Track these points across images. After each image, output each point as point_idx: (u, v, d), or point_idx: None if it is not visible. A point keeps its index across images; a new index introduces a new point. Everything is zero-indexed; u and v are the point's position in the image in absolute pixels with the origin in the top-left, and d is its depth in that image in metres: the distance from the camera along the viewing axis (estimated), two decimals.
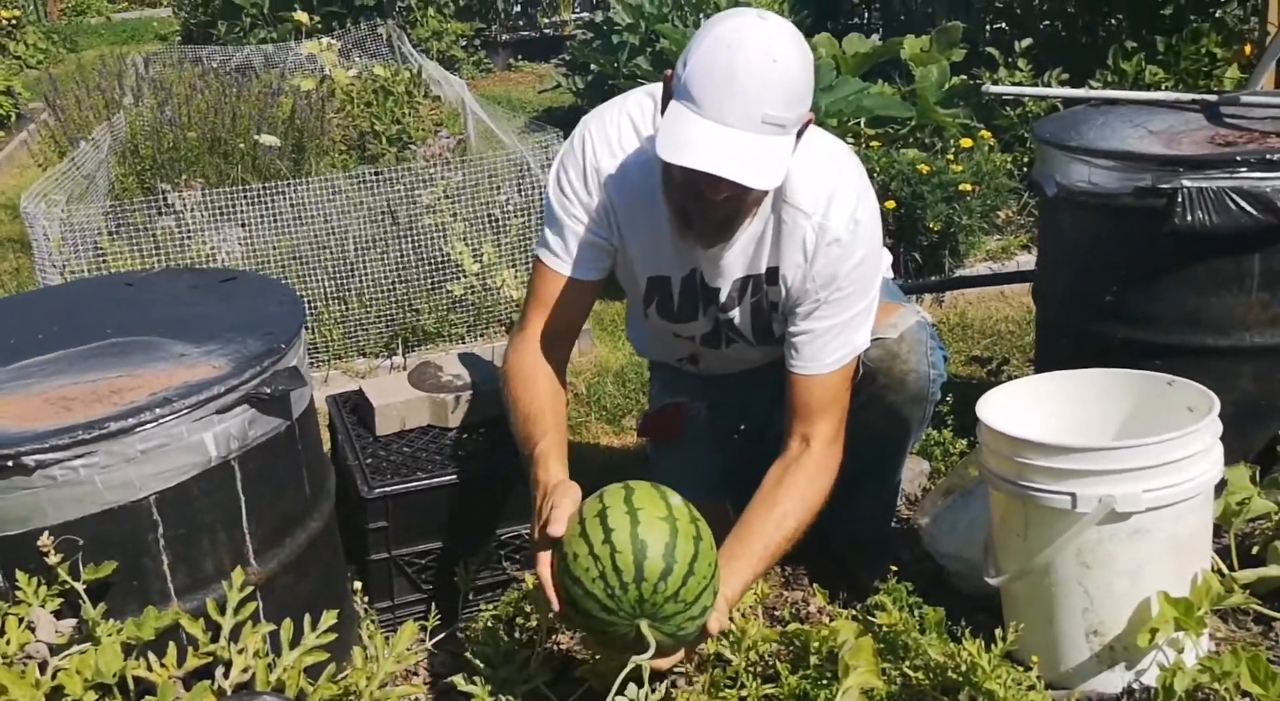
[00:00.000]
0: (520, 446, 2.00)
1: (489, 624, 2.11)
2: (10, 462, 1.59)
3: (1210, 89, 4.43)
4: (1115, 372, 2.17)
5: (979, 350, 3.68)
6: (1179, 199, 2.34)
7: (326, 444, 2.42)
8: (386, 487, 2.24)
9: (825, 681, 1.84)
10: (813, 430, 2.01)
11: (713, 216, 1.90)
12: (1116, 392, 2.16)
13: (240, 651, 1.65)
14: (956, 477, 2.48)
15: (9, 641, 1.55)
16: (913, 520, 2.59)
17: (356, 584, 2.27)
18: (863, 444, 2.09)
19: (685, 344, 2.29)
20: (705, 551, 1.72)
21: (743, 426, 2.46)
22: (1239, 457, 2.32)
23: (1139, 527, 1.91)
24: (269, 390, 1.80)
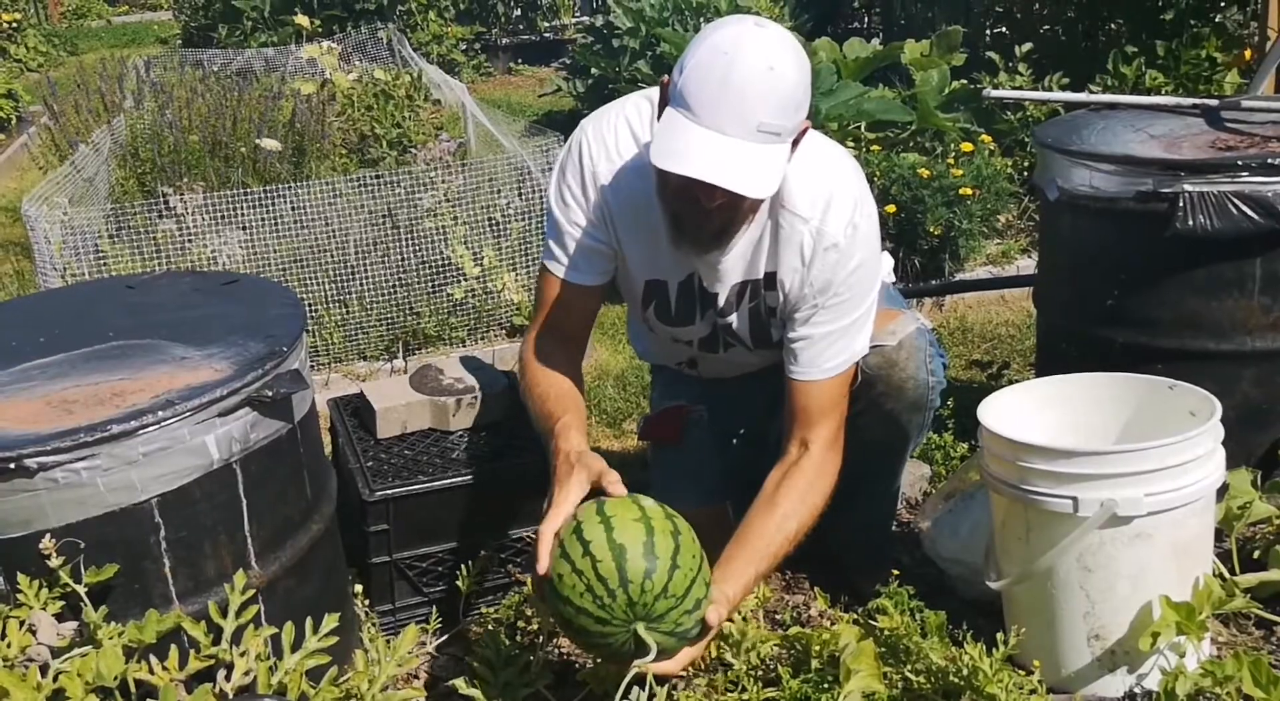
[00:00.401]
0: (540, 423, 1.98)
1: (490, 627, 2.11)
2: (12, 465, 1.58)
3: (1210, 93, 4.44)
4: (1117, 376, 2.17)
5: (979, 354, 3.69)
6: (1180, 203, 2.34)
7: (327, 447, 2.42)
8: (388, 491, 2.23)
9: (827, 685, 1.84)
10: (812, 435, 2.01)
11: (707, 224, 1.89)
12: (1118, 397, 2.16)
13: (242, 654, 1.65)
14: (957, 481, 2.48)
15: (10, 644, 1.54)
16: (913, 524, 2.59)
17: (357, 587, 2.27)
18: (862, 450, 2.09)
19: (684, 348, 2.29)
20: (686, 544, 1.71)
21: (743, 430, 2.46)
22: (1240, 462, 2.32)
23: (1141, 531, 1.91)
24: (271, 393, 1.79)
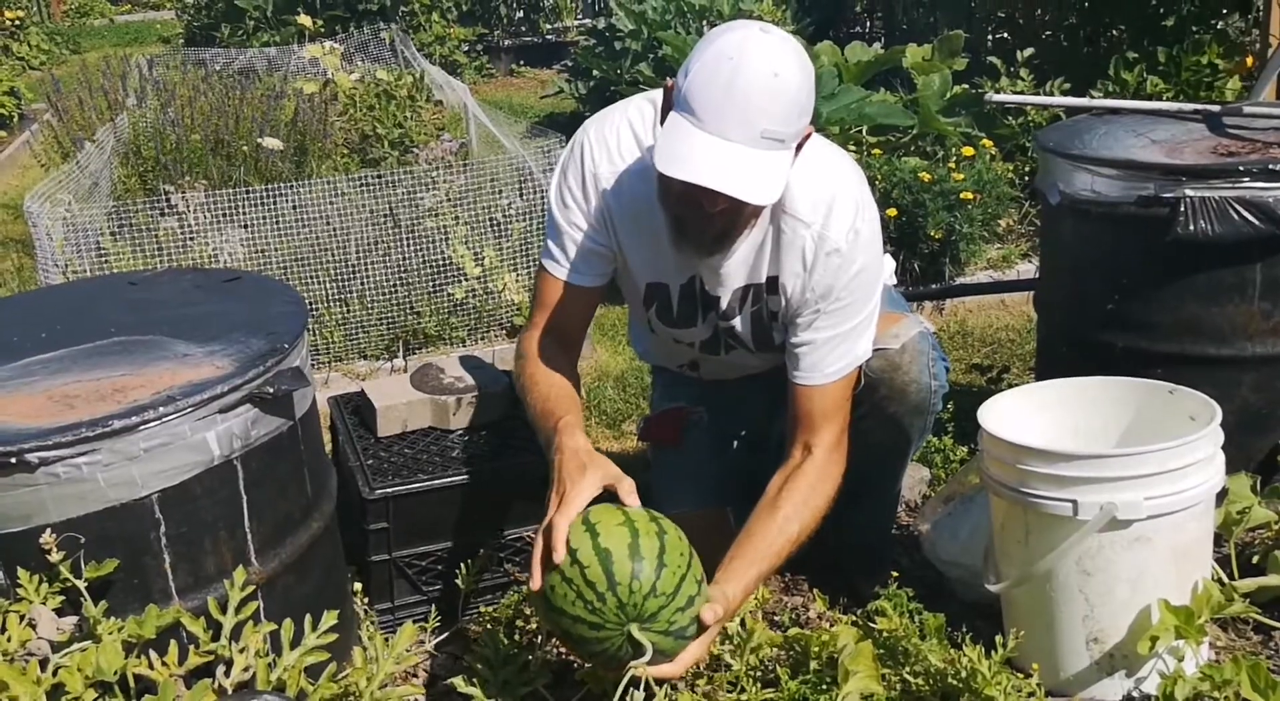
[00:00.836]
0: (540, 421, 1.97)
1: (489, 626, 2.11)
2: (13, 460, 1.59)
3: (1211, 100, 4.44)
4: (1117, 380, 2.17)
5: (979, 358, 3.69)
6: (1182, 208, 2.34)
7: (327, 445, 2.42)
8: (387, 489, 2.24)
9: (825, 686, 1.84)
10: (815, 438, 2.01)
11: (709, 229, 1.89)
12: (1118, 400, 2.16)
13: (241, 650, 1.65)
14: (957, 484, 2.48)
15: (10, 638, 1.55)
16: (913, 527, 2.59)
17: (356, 585, 2.27)
18: (864, 453, 2.09)
19: (686, 350, 2.29)
20: (672, 543, 1.72)
21: (743, 432, 2.46)
22: (1239, 467, 2.32)
23: (1140, 535, 1.91)
24: (272, 390, 1.80)
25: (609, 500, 1.77)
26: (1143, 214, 2.40)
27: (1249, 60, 4.62)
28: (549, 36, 9.73)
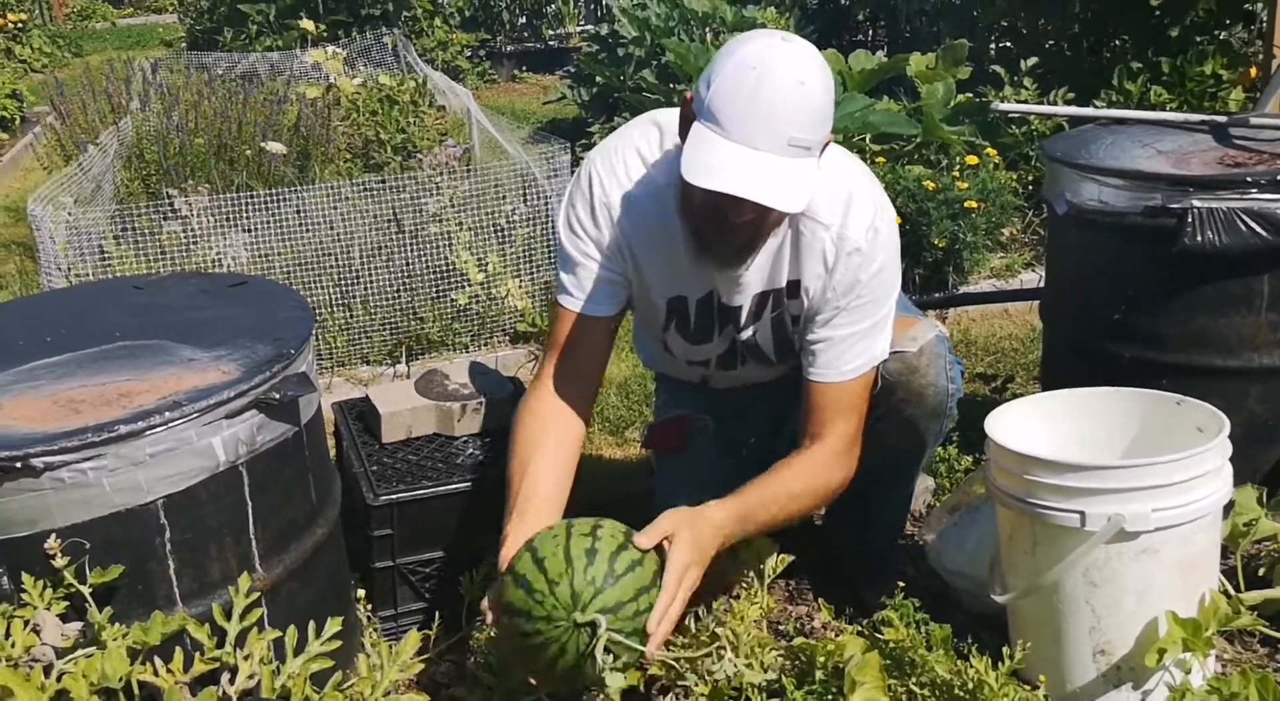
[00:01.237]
0: (507, 497, 1.97)
1: (492, 634, 2.10)
2: (19, 464, 1.58)
3: (1215, 110, 4.44)
4: (1124, 391, 2.16)
5: (983, 367, 3.68)
6: (1189, 219, 2.34)
7: (331, 451, 2.42)
8: (392, 495, 2.23)
9: (831, 697, 1.83)
10: (826, 432, 2.01)
11: (732, 239, 1.90)
12: (1125, 411, 2.15)
13: (246, 657, 1.64)
14: (962, 494, 2.47)
15: (14, 644, 1.54)
16: (918, 536, 2.58)
17: (360, 591, 2.26)
18: (878, 457, 2.09)
19: (698, 369, 2.29)
20: (609, 525, 1.77)
21: (749, 440, 2.45)
22: (1246, 479, 2.32)
23: (1147, 547, 1.90)
24: (278, 395, 1.79)
25: None
26: (1150, 224, 2.40)
27: (1252, 71, 4.62)
28: (551, 42, 9.74)
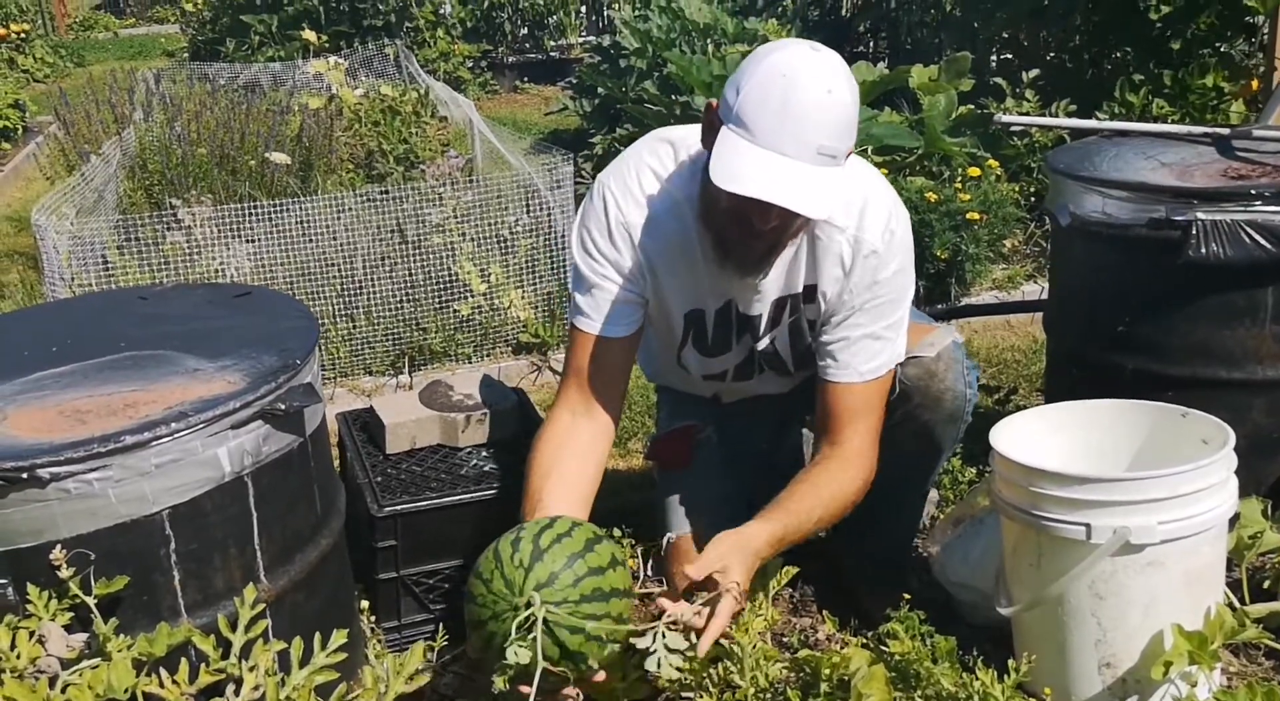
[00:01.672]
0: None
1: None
2: (24, 475, 1.58)
3: (1217, 122, 4.45)
4: (1129, 403, 2.16)
5: (986, 379, 3.68)
6: (1193, 231, 2.34)
7: (336, 461, 2.42)
8: (396, 506, 2.23)
9: None
10: (843, 436, 2.02)
11: (755, 245, 1.91)
12: (1130, 423, 2.15)
13: (251, 669, 1.64)
14: (966, 507, 2.47)
15: (20, 655, 1.54)
16: (922, 549, 2.58)
17: (364, 603, 2.26)
18: (894, 462, 2.09)
19: (713, 383, 2.29)
20: (560, 520, 1.77)
21: (753, 451, 2.45)
22: (1251, 491, 2.31)
23: (1153, 559, 1.90)
24: (283, 406, 1.79)
25: None
26: (1154, 236, 2.40)
27: (1254, 83, 4.64)
28: (553, 53, 9.75)
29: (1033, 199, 4.69)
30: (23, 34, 10.77)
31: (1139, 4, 4.86)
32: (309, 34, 7.75)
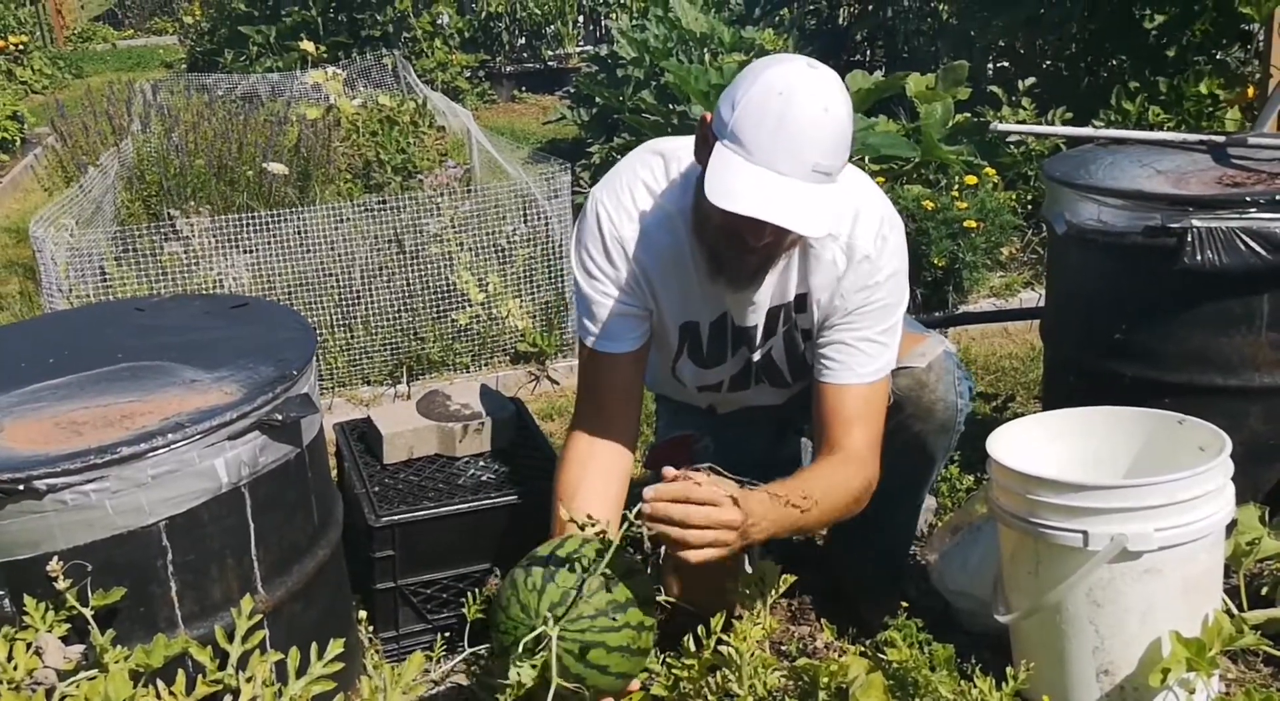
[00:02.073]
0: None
1: (496, 655, 2.09)
2: (21, 486, 1.58)
3: (1212, 130, 4.46)
4: (1126, 410, 2.17)
5: (983, 386, 3.68)
6: (1189, 238, 2.34)
7: (333, 472, 2.41)
8: (393, 516, 2.23)
9: None
10: (846, 439, 2.00)
11: (748, 261, 1.91)
12: (1127, 431, 2.15)
13: (248, 680, 1.64)
14: (964, 514, 2.47)
15: (17, 666, 1.53)
16: (920, 557, 2.58)
17: (361, 613, 2.26)
18: (887, 473, 2.08)
19: (708, 394, 2.29)
20: (570, 539, 1.78)
21: (750, 461, 2.44)
22: (1248, 498, 2.31)
23: (1151, 566, 1.90)
24: (280, 417, 1.79)
25: None
26: (1150, 244, 2.40)
27: (1249, 91, 4.65)
28: (551, 63, 9.76)
29: (1030, 206, 4.70)
30: (21, 46, 10.79)
31: (1134, 12, 4.88)
32: (307, 44, 7.76)
